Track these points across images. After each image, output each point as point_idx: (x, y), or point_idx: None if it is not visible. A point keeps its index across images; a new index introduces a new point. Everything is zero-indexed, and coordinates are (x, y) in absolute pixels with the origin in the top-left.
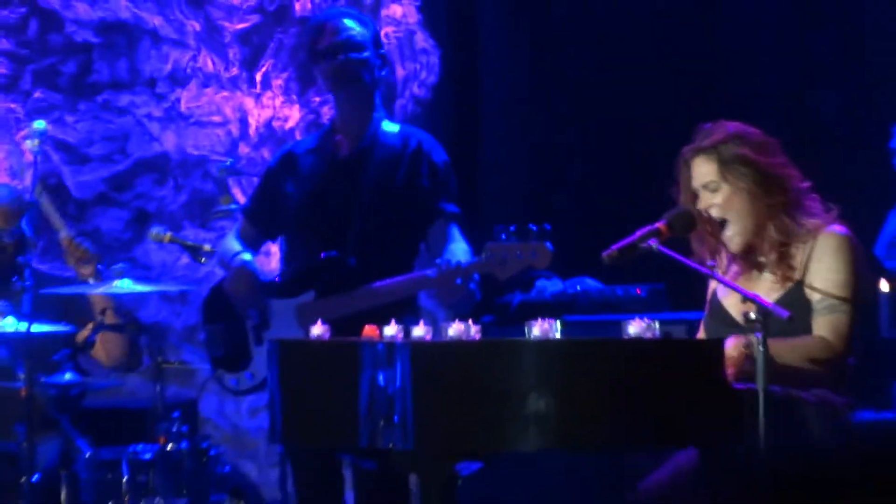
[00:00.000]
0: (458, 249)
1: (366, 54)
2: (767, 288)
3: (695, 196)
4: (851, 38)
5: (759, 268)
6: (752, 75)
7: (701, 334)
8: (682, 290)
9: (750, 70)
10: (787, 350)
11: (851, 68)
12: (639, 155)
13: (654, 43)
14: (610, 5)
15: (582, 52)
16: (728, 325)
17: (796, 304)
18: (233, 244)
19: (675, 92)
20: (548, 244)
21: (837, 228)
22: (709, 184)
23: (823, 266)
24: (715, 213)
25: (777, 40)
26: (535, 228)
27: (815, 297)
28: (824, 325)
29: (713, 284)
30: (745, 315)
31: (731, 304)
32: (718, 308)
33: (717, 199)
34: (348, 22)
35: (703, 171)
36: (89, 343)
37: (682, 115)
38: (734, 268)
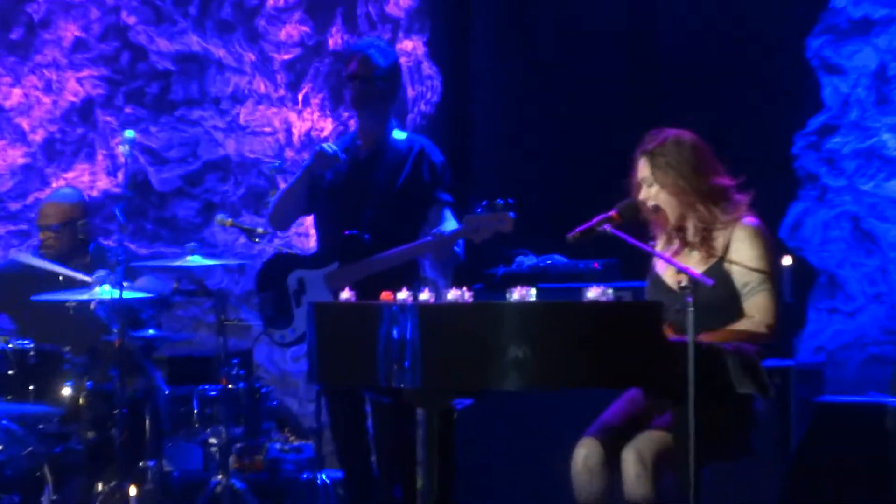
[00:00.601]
0: (448, 225)
1: (377, 82)
2: (695, 262)
3: (639, 188)
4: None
5: (690, 247)
6: (688, 85)
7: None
8: (631, 264)
9: (687, 80)
10: (734, 336)
11: (765, 83)
12: (601, 157)
13: (617, 61)
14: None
15: (558, 76)
16: (664, 291)
17: (718, 276)
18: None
19: (630, 105)
20: (511, 213)
21: (751, 220)
22: (645, 178)
23: (743, 252)
24: (649, 202)
25: (708, 57)
26: (501, 202)
27: (740, 279)
28: (754, 306)
29: (655, 259)
30: (679, 283)
31: (667, 275)
32: (656, 278)
33: (651, 191)
34: (367, 54)
35: (642, 169)
36: (169, 305)
37: (635, 125)
38: (672, 246)
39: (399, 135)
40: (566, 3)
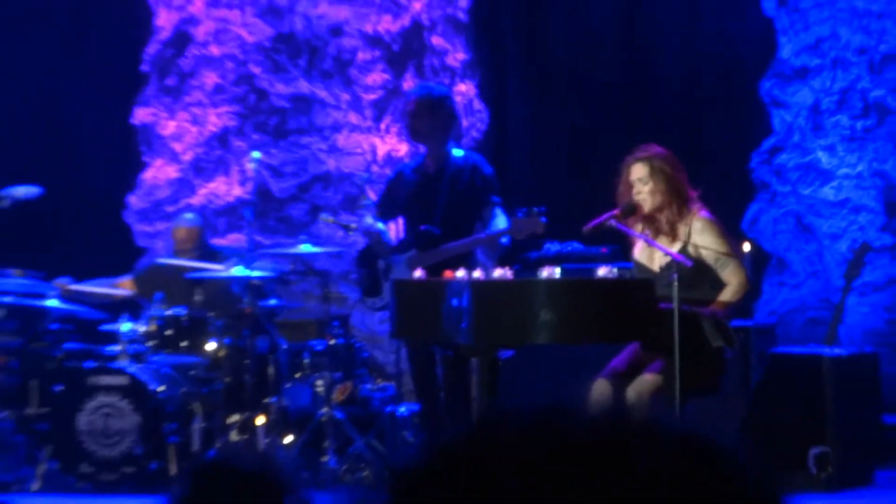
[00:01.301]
0: (499, 222)
1: (427, 118)
2: (666, 244)
3: (630, 187)
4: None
5: (660, 233)
6: (674, 113)
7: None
8: (630, 249)
9: (673, 109)
10: (723, 305)
11: (730, 114)
12: (605, 168)
13: (616, 92)
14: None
15: (571, 107)
16: (644, 271)
17: (687, 257)
18: (379, 225)
19: (627, 126)
20: (542, 219)
21: (705, 213)
22: (642, 178)
23: (707, 237)
24: (641, 196)
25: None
26: (536, 210)
27: (711, 258)
28: (728, 276)
29: (638, 244)
30: (668, 263)
31: (645, 258)
32: (638, 263)
33: (646, 189)
34: (425, 96)
35: (639, 171)
36: (286, 282)
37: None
38: (646, 233)
39: (458, 153)
40: (578, 60)
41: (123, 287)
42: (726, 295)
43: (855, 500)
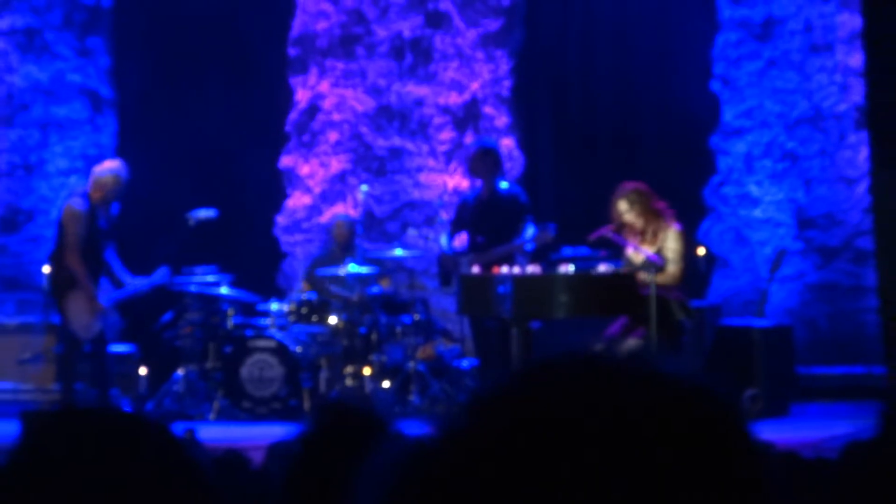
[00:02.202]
0: (527, 233)
1: (481, 162)
2: (647, 248)
3: (620, 213)
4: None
5: (644, 241)
6: (646, 149)
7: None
8: (619, 253)
9: (647, 146)
10: (663, 281)
11: (691, 160)
12: (601, 194)
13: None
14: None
15: (583, 150)
16: (632, 266)
17: (662, 257)
18: (443, 240)
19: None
20: (551, 232)
21: (676, 225)
22: (626, 208)
23: (670, 242)
24: (628, 219)
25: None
26: (548, 225)
27: (669, 256)
28: (673, 268)
29: (627, 250)
30: (646, 261)
31: (632, 257)
32: (628, 261)
33: (630, 215)
34: (480, 147)
35: (623, 204)
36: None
37: (619, 174)
38: (634, 240)
39: (503, 185)
40: (586, 123)
41: (304, 286)
42: (667, 279)
43: (777, 425)
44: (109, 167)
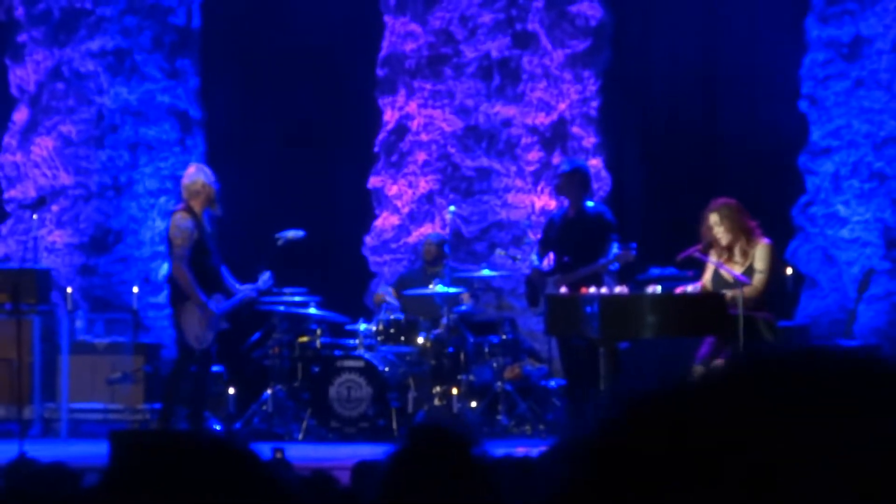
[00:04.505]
0: (612, 254)
1: (568, 182)
2: (737, 267)
3: (710, 229)
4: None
5: (733, 259)
6: (737, 172)
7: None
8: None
9: (738, 168)
10: (748, 294)
11: (778, 182)
12: (690, 211)
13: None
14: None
15: (670, 170)
16: (723, 286)
17: (749, 275)
18: (534, 257)
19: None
20: (633, 252)
21: (766, 240)
22: (716, 222)
23: (759, 254)
24: (718, 235)
25: (754, 166)
26: (630, 245)
27: (758, 266)
28: (758, 275)
29: (709, 268)
30: (733, 281)
31: (719, 275)
32: (718, 277)
33: (721, 230)
34: (568, 167)
35: (713, 218)
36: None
37: (704, 191)
38: (723, 258)
39: (590, 204)
40: (673, 144)
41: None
42: (751, 290)
43: None
44: (192, 172)
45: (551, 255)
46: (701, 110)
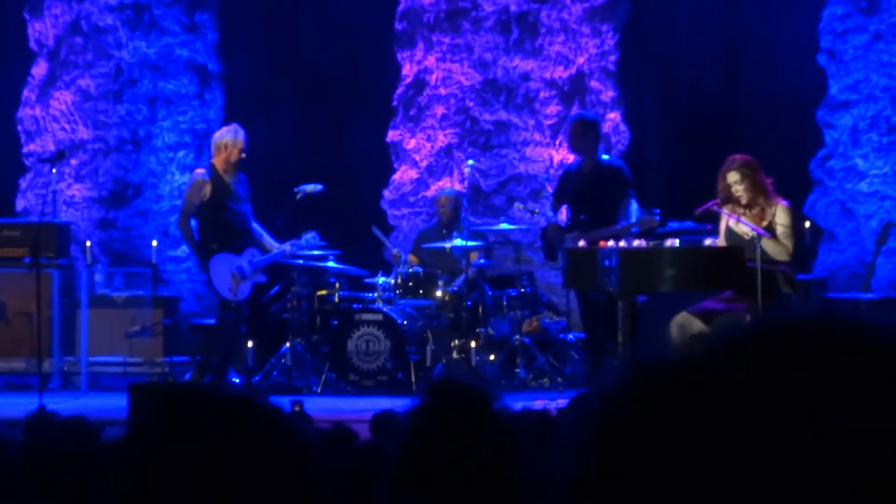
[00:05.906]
0: (633, 212)
1: (580, 136)
2: (755, 222)
3: (728, 186)
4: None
5: (751, 215)
6: (755, 126)
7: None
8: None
9: (756, 124)
10: (780, 258)
11: (797, 135)
12: (710, 167)
13: (715, 112)
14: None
15: (689, 123)
16: (737, 239)
17: (771, 232)
18: (548, 210)
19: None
20: (657, 217)
21: (784, 202)
22: (737, 181)
23: (781, 218)
24: (738, 193)
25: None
26: (654, 211)
27: (780, 231)
28: (787, 243)
29: (724, 221)
30: (754, 235)
31: (737, 229)
32: (732, 233)
33: (741, 188)
34: (578, 120)
35: (733, 176)
36: (489, 249)
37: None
38: (740, 213)
39: (605, 157)
40: (694, 97)
41: (411, 259)
42: (781, 255)
43: None
44: (225, 130)
45: (564, 209)
46: (719, 64)
